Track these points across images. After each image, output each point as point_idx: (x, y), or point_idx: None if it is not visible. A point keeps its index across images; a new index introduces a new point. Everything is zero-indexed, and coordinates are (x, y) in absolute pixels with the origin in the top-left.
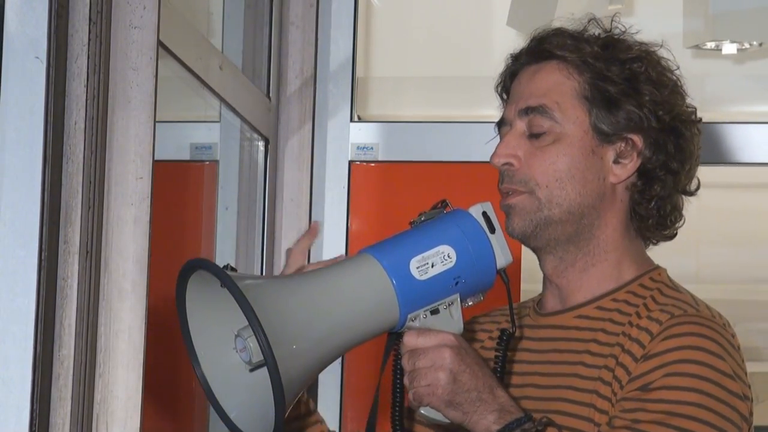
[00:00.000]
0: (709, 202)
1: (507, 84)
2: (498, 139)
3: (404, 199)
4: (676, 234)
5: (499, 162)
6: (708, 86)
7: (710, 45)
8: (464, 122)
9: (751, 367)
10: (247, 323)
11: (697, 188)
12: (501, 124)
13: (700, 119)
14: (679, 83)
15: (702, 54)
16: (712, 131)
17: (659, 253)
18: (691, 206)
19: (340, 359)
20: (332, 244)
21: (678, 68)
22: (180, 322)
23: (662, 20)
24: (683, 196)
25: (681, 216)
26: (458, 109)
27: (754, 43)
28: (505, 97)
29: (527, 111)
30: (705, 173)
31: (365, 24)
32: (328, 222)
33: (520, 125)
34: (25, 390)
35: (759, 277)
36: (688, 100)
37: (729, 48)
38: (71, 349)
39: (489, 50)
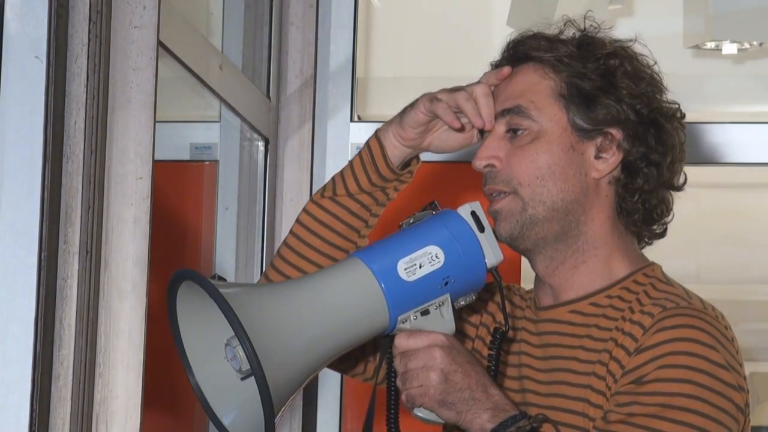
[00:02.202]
0: (709, 202)
1: None
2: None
3: (403, 199)
4: (666, 230)
5: (481, 164)
6: (708, 86)
7: (710, 45)
8: None
9: (751, 367)
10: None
11: (684, 183)
12: (483, 130)
13: (683, 115)
14: (656, 77)
15: (702, 54)
16: (712, 131)
17: (659, 253)
18: (691, 206)
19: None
20: None
21: (655, 63)
22: (172, 330)
23: (662, 20)
24: (672, 193)
25: (669, 211)
26: None
27: (754, 43)
28: None
29: (504, 113)
30: (705, 173)
31: (365, 24)
32: None
33: (500, 128)
34: (25, 390)
35: (759, 277)
36: (670, 96)
37: (729, 48)
38: (71, 349)
39: (489, 50)
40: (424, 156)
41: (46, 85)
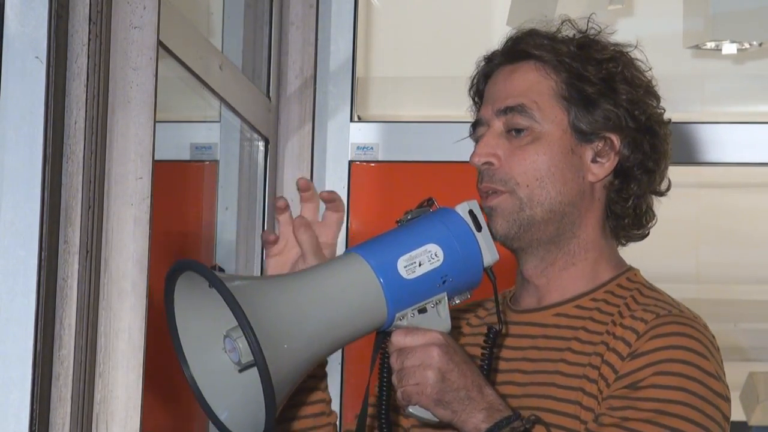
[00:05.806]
0: (709, 202)
1: (480, 86)
2: (470, 139)
3: (404, 199)
4: (649, 233)
5: (479, 161)
6: (708, 86)
7: (710, 45)
8: (464, 122)
9: (751, 367)
10: (236, 324)
11: (668, 188)
12: (477, 124)
13: (669, 120)
14: (651, 84)
15: (702, 54)
16: (712, 131)
17: (660, 253)
18: (691, 206)
19: (340, 360)
20: None
21: (650, 69)
22: (168, 323)
23: (662, 20)
24: (653, 196)
25: (654, 215)
26: (458, 109)
27: (754, 43)
28: (477, 100)
29: (506, 111)
30: (705, 173)
31: (365, 24)
32: None
33: (498, 125)
34: (25, 390)
35: (759, 277)
36: (669, 96)
37: (729, 48)
38: (71, 349)
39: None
40: (433, 156)
41: (46, 85)
